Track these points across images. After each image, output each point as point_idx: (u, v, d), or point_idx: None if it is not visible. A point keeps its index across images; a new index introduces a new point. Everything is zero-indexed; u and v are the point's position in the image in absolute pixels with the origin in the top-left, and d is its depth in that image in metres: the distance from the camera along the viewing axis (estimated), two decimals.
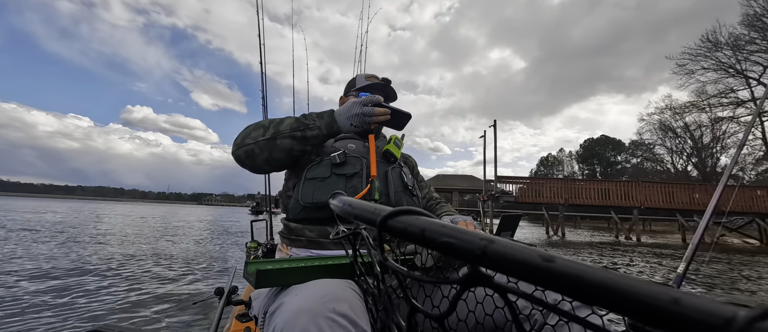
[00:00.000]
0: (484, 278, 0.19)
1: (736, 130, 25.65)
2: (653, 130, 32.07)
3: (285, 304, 0.56)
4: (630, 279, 0.13)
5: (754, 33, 22.54)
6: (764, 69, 22.56)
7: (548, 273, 0.15)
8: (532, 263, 0.15)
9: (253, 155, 0.93)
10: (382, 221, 0.21)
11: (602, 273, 0.14)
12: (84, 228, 9.41)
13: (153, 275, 3.97)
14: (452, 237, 0.18)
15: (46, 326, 2.32)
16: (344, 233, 0.35)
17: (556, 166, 60.31)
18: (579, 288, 0.14)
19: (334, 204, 0.31)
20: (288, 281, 0.61)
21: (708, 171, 28.71)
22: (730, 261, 7.51)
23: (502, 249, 0.16)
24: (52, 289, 3.21)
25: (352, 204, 0.27)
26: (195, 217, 12.43)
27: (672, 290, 0.13)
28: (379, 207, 0.23)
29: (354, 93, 1.19)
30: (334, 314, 0.51)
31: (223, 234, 10.09)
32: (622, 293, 0.13)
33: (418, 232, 0.19)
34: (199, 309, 2.69)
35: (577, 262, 0.14)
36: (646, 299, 0.13)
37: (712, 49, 24.27)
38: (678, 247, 10.73)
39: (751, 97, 23.56)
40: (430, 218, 0.20)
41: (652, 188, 13.17)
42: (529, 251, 0.15)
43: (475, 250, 0.17)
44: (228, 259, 5.37)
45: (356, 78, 1.25)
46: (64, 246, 5.81)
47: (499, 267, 0.16)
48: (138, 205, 56.46)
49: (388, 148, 1.06)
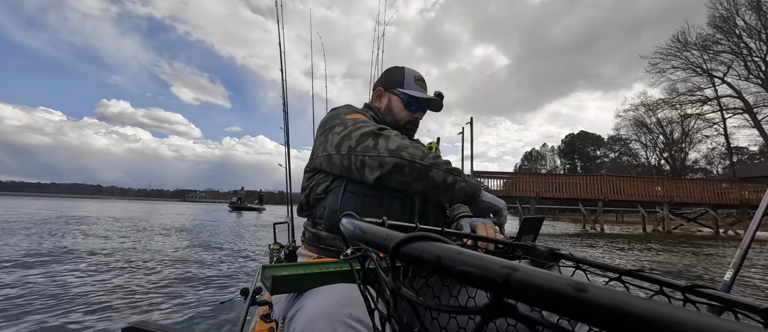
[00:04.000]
0: (507, 308, 0.17)
1: (702, 126, 27.14)
2: (629, 125, 33.47)
3: (303, 309, 0.57)
4: (676, 309, 0.12)
5: (719, 34, 23.79)
6: (728, 68, 23.86)
7: (580, 303, 0.13)
8: (561, 292, 0.13)
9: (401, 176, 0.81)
10: (395, 248, 0.20)
11: (643, 304, 0.12)
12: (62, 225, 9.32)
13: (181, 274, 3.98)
14: (470, 265, 0.16)
15: (77, 324, 2.44)
16: (353, 257, 0.35)
17: (539, 160, 61.92)
18: (616, 320, 0.12)
19: (344, 227, 0.30)
20: (304, 287, 0.62)
21: (677, 166, 30.24)
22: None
23: (527, 278, 0.14)
24: (78, 286, 3.30)
25: (363, 229, 0.26)
26: (160, 222, 11.88)
27: (726, 322, 0.11)
28: (391, 233, 0.22)
29: (402, 95, 1.06)
30: (350, 319, 0.52)
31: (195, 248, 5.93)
32: (667, 327, 0.11)
33: (434, 260, 0.18)
34: (226, 309, 2.79)
35: (613, 291, 0.13)
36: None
37: (681, 49, 25.49)
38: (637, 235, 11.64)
39: (715, 95, 24.92)
40: (446, 244, 0.19)
41: (615, 181, 14.00)
42: (558, 280, 0.14)
43: (496, 279, 0.15)
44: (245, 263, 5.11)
45: (405, 74, 1.09)
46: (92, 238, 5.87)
47: (524, 297, 0.14)
48: (116, 202, 54.50)
49: None
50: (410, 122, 1.09)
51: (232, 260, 4.97)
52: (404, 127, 1.09)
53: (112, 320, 2.50)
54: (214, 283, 3.69)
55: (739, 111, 24.08)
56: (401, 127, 1.09)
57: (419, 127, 1.15)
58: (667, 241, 9.47)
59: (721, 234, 13.01)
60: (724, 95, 24.59)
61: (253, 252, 5.74)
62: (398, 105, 1.08)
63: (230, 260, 4.96)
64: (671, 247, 8.02)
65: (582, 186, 13.94)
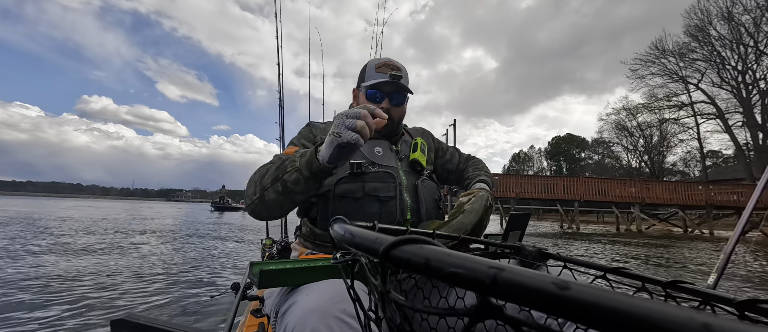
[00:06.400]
0: (494, 309, 0.18)
1: (678, 130, 28.26)
2: (611, 129, 34.63)
3: (296, 304, 0.56)
4: (653, 303, 0.12)
5: (694, 43, 24.85)
6: (702, 75, 24.93)
7: (564, 301, 0.13)
8: (545, 291, 0.14)
9: (260, 215, 0.83)
10: (384, 251, 0.20)
11: (623, 300, 0.12)
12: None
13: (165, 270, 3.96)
14: (459, 267, 0.17)
15: (71, 316, 2.43)
16: (343, 260, 0.34)
17: (526, 162, 63.07)
18: (597, 317, 0.13)
19: (335, 233, 0.30)
20: (292, 281, 0.62)
21: (656, 168, 31.34)
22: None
23: (513, 278, 0.15)
24: (69, 283, 3.28)
25: (353, 233, 0.26)
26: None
27: (701, 314, 0.12)
28: (380, 237, 0.22)
29: (364, 89, 1.00)
30: (343, 314, 0.52)
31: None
32: (646, 321, 0.12)
33: (423, 262, 0.18)
34: (216, 303, 2.80)
35: (595, 288, 0.13)
36: (673, 326, 0.11)
37: (659, 56, 26.54)
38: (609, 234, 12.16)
39: (690, 101, 25.99)
40: (435, 246, 0.19)
41: (590, 183, 14.56)
42: (543, 278, 0.14)
43: (484, 280, 0.15)
44: (241, 256, 5.30)
45: (367, 66, 1.03)
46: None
47: (511, 296, 0.15)
48: (93, 202, 52.64)
49: (416, 158, 0.98)
50: None
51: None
52: None
53: (101, 316, 2.48)
54: (203, 279, 3.71)
55: (712, 116, 25.18)
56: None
57: (406, 114, 1.07)
58: (631, 240, 9.95)
59: (689, 234, 13.65)
60: (698, 101, 25.73)
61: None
62: (362, 100, 1.03)
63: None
64: (635, 246, 8.45)
65: (560, 187, 14.44)
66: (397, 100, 1.00)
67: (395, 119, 1.01)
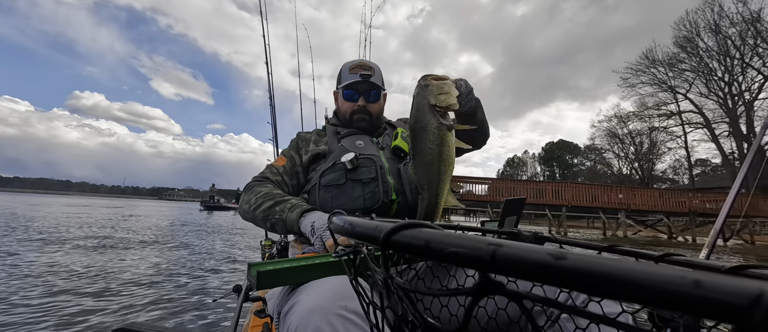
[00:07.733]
0: (496, 286, 0.18)
1: (666, 139, 28.87)
2: (603, 136, 35.15)
3: (297, 304, 0.57)
4: (644, 265, 0.13)
5: (683, 54, 25.48)
6: (690, 85, 25.55)
7: (560, 270, 0.14)
8: (543, 263, 0.14)
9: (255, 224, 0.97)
10: (385, 238, 0.21)
11: (616, 265, 0.13)
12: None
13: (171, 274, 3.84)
14: (459, 246, 0.17)
15: (68, 322, 2.36)
16: (344, 252, 0.34)
17: (520, 166, 63.48)
18: (593, 283, 0.13)
19: (335, 225, 0.30)
20: (291, 280, 0.62)
21: (645, 175, 31.89)
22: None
23: (511, 252, 0.15)
24: (70, 290, 3.15)
25: (353, 224, 0.26)
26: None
27: (691, 272, 0.12)
28: (380, 225, 0.22)
29: (340, 90, 1.10)
30: (345, 311, 0.52)
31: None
32: (636, 282, 0.12)
33: (424, 245, 0.18)
34: (219, 306, 2.79)
35: (588, 256, 0.14)
36: (664, 285, 0.12)
37: (649, 66, 27.14)
38: (597, 239, 12.36)
39: (678, 111, 26.59)
40: (435, 229, 0.19)
41: (579, 189, 14.88)
42: (539, 251, 0.15)
43: (484, 257, 0.16)
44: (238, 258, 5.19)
45: (343, 69, 1.11)
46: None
47: (510, 271, 0.15)
48: (81, 199, 50.96)
49: (398, 144, 1.04)
50: (356, 112, 1.09)
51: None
52: (352, 118, 1.10)
53: (104, 323, 2.43)
54: (208, 283, 3.68)
55: (699, 125, 25.79)
56: (350, 121, 1.11)
57: (384, 111, 1.15)
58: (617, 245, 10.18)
59: (673, 240, 13.98)
60: (686, 111, 26.36)
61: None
62: (341, 101, 1.11)
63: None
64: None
65: (549, 192, 14.72)
66: (372, 97, 1.09)
67: (373, 114, 1.10)
